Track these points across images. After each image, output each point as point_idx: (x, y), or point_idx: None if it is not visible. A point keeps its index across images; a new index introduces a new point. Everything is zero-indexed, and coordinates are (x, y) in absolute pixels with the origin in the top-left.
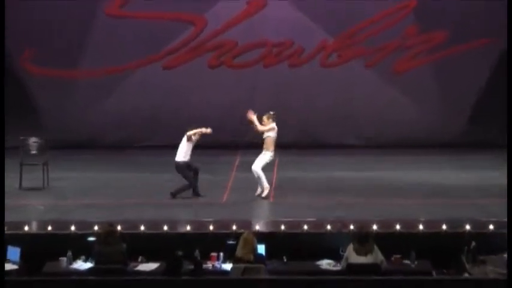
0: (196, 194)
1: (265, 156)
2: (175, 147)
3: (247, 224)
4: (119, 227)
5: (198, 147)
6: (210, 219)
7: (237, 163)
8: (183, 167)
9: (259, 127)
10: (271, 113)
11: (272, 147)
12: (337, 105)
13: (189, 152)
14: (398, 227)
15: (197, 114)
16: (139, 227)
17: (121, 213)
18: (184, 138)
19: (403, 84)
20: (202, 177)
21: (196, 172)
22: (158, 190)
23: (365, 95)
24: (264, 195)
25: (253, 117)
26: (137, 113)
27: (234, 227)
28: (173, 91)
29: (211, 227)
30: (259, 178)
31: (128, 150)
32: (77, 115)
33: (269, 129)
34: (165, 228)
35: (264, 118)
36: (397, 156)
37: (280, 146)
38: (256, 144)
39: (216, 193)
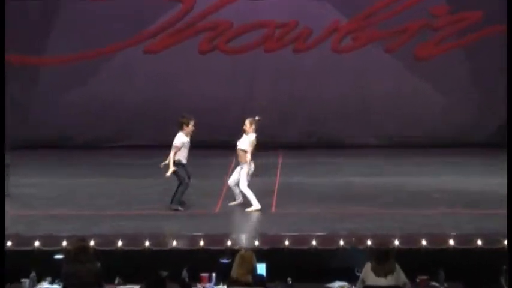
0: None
1: (245, 170)
2: (159, 147)
3: (244, 238)
4: (91, 243)
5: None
6: (200, 233)
7: (233, 166)
8: (177, 166)
9: (248, 156)
10: (257, 118)
11: (249, 159)
12: (351, 98)
13: (186, 156)
14: (424, 242)
15: (185, 108)
16: (116, 243)
17: (95, 226)
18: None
19: (427, 73)
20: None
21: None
22: (139, 198)
23: (383, 86)
24: (248, 209)
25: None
26: (115, 107)
27: (229, 243)
28: (157, 80)
29: (201, 243)
30: (241, 194)
31: (104, 151)
32: (43, 109)
33: (251, 150)
34: (147, 243)
35: (247, 123)
36: (420, 157)
37: (284, 146)
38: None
39: (207, 201)
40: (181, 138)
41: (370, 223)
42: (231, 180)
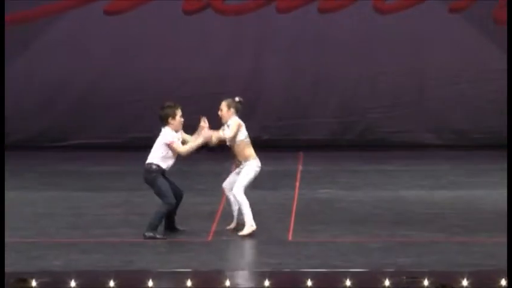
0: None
1: (249, 169)
2: (124, 146)
3: (248, 277)
4: (34, 283)
5: None
6: (187, 270)
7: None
8: (152, 175)
9: (222, 134)
10: (237, 99)
11: (253, 153)
12: (402, 78)
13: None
14: (503, 282)
15: (164, 91)
16: (69, 283)
17: (39, 259)
18: (161, 141)
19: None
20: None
21: (179, 195)
22: (100, 220)
23: (447, 62)
24: (242, 233)
25: (206, 127)
26: (62, 90)
27: (228, 283)
28: (122, 53)
29: (188, 283)
30: (239, 208)
31: (46, 152)
32: None
33: (235, 130)
34: (111, 284)
35: (223, 106)
36: (502, 162)
37: (306, 146)
38: (265, 141)
39: (197, 225)
40: (172, 133)
41: (428, 256)
42: (227, 183)
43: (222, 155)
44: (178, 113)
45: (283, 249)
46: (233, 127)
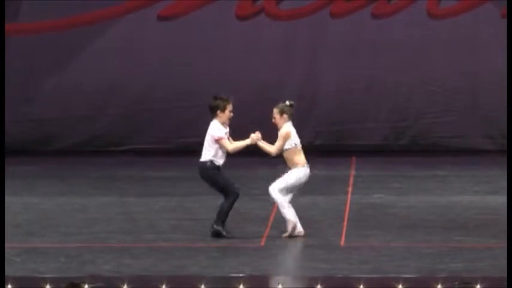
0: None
1: (292, 174)
2: (177, 152)
3: (301, 282)
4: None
5: None
6: (240, 275)
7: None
8: (209, 172)
9: (271, 149)
10: (288, 103)
11: (302, 160)
12: (456, 82)
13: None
14: None
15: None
16: (121, 287)
17: (90, 264)
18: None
19: None
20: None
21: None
22: (152, 225)
23: (499, 66)
24: (285, 234)
25: (259, 140)
26: (114, 96)
27: (280, 287)
28: (175, 58)
29: None
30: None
31: (98, 158)
32: (10, 100)
33: (281, 144)
34: (163, 287)
35: (275, 114)
36: None
37: (359, 150)
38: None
39: (250, 230)
40: (220, 127)
41: (481, 261)
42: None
43: (276, 160)
44: (229, 107)
45: (335, 254)
46: (279, 141)
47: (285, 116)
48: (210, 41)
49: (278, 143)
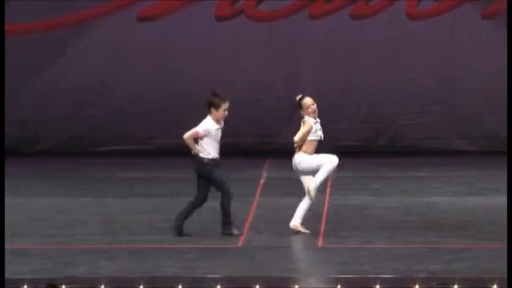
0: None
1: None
2: (159, 152)
3: (278, 284)
4: None
5: None
6: (217, 276)
7: (263, 180)
8: (205, 168)
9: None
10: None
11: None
12: (434, 84)
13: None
14: None
15: (196, 97)
16: None
17: (68, 266)
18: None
19: None
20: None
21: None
22: (130, 226)
23: (477, 67)
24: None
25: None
26: (96, 96)
27: None
28: (156, 59)
29: None
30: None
31: (79, 159)
32: None
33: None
34: None
35: (309, 102)
36: None
37: (337, 151)
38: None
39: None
40: (207, 125)
41: (459, 262)
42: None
43: (255, 161)
44: (224, 106)
45: (313, 255)
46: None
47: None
48: (190, 42)
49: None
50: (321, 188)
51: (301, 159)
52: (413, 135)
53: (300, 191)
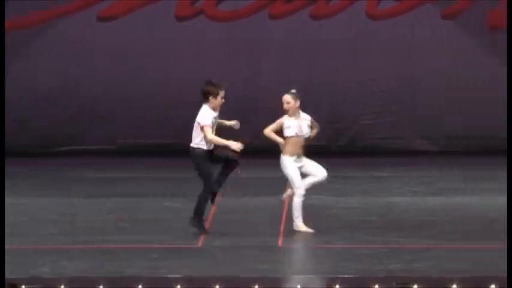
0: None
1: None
2: (116, 152)
3: (239, 283)
4: None
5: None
6: (178, 276)
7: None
8: (197, 159)
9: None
10: (294, 91)
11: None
12: (394, 84)
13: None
14: (493, 287)
15: (159, 97)
16: None
17: (30, 266)
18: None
19: (505, 50)
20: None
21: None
22: (91, 226)
23: (437, 67)
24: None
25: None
26: (54, 97)
27: None
28: (116, 59)
29: None
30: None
31: (39, 159)
32: None
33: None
34: None
35: (290, 99)
36: (495, 169)
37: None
38: (257, 148)
39: (188, 231)
40: (209, 113)
41: (419, 262)
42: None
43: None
44: (221, 93)
45: (273, 255)
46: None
47: (298, 102)
48: (151, 42)
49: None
50: (280, 188)
51: (280, 160)
52: (374, 135)
53: (259, 191)
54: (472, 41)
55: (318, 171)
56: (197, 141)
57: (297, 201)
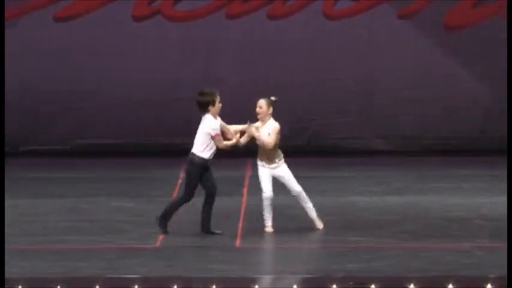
0: (206, 229)
1: (286, 166)
2: (74, 153)
3: (196, 283)
4: None
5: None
6: (136, 276)
7: (180, 180)
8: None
9: (270, 140)
10: (273, 98)
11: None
12: (349, 85)
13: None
14: (451, 287)
15: (116, 96)
16: None
17: None
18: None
19: (461, 50)
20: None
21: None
22: (44, 226)
23: (394, 67)
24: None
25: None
26: (12, 98)
27: None
28: (72, 60)
29: None
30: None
31: None
32: None
33: (275, 139)
34: None
35: (263, 104)
36: (455, 168)
37: (254, 151)
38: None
39: (146, 231)
40: (214, 121)
41: (377, 262)
42: (297, 189)
43: (172, 160)
44: (217, 99)
45: (231, 255)
46: (274, 135)
47: (271, 108)
48: (108, 41)
49: (274, 136)
50: (238, 189)
51: None
52: (332, 135)
53: (218, 191)
54: (429, 41)
55: (291, 188)
56: (201, 148)
57: (263, 204)
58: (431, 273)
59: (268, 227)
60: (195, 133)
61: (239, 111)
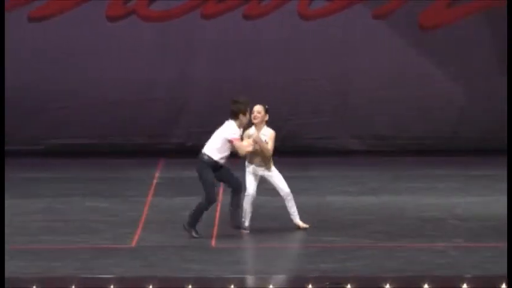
0: (236, 225)
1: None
2: (51, 153)
3: (172, 283)
4: None
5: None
6: (111, 276)
7: (155, 180)
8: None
9: (270, 148)
10: (267, 107)
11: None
12: (323, 85)
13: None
14: (426, 287)
15: (90, 97)
16: None
17: None
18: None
19: (436, 50)
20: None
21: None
22: (21, 226)
23: (372, 67)
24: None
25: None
26: None
27: None
28: (47, 60)
29: None
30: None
31: None
32: None
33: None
34: None
35: (261, 109)
36: (429, 168)
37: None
38: (190, 148)
39: (121, 231)
40: (237, 130)
41: (353, 261)
42: (286, 190)
43: (147, 161)
44: (248, 110)
45: (206, 255)
46: (272, 143)
47: (267, 116)
48: (82, 41)
49: (271, 144)
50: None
51: None
52: (307, 135)
53: (194, 191)
54: (403, 41)
55: (280, 188)
56: (213, 150)
57: (244, 201)
58: (407, 273)
59: (244, 227)
60: (173, 133)
61: (214, 112)
